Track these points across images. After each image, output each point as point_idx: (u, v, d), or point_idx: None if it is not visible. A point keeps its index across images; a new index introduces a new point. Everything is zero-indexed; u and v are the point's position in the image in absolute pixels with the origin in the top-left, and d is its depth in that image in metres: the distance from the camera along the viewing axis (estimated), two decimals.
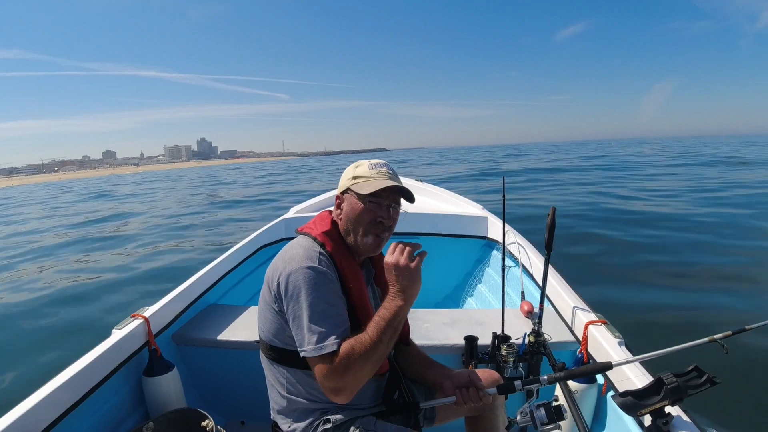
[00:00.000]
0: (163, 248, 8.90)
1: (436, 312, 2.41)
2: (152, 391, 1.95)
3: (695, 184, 14.65)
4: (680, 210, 9.99)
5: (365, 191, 1.31)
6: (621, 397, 1.29)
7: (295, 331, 1.23)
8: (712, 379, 1.22)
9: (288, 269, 1.23)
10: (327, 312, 1.21)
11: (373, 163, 1.39)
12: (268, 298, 1.30)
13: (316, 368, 1.21)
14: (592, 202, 11.65)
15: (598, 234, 7.82)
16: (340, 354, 1.17)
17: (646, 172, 20.66)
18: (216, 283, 2.69)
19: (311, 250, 1.28)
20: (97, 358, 1.76)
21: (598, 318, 1.92)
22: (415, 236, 3.57)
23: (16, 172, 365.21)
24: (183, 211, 15.36)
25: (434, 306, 3.42)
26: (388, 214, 1.35)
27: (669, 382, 1.23)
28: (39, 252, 9.53)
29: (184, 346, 2.24)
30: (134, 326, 1.97)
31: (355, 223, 1.34)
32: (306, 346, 1.19)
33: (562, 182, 17.76)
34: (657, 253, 6.53)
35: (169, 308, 2.23)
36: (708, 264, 5.90)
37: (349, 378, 1.17)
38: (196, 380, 2.30)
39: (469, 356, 1.92)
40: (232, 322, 2.30)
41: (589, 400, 1.80)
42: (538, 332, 1.90)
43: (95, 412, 1.74)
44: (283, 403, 1.35)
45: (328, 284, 1.24)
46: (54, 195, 32.47)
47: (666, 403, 1.23)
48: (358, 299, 1.31)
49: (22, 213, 19.84)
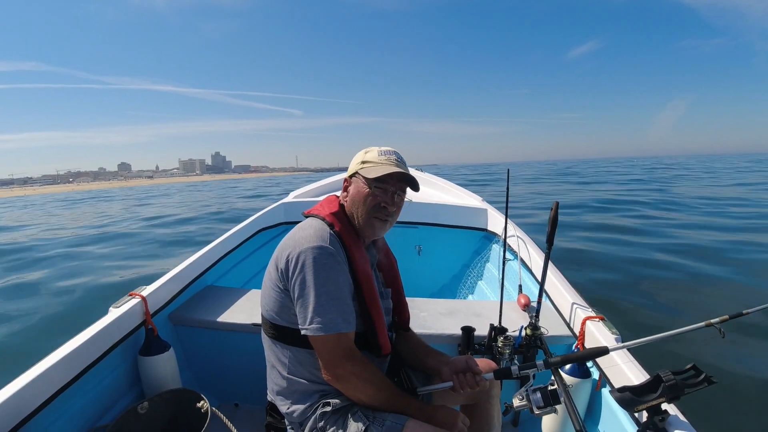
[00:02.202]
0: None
1: (434, 302, 2.41)
2: (148, 371, 1.95)
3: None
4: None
5: (371, 175, 1.34)
6: (619, 392, 1.30)
7: (299, 309, 1.24)
8: (710, 379, 1.23)
9: (298, 248, 1.24)
10: (333, 294, 1.23)
11: (382, 150, 1.40)
12: (274, 276, 1.31)
13: (318, 348, 1.25)
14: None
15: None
16: (352, 358, 1.24)
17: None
18: (214, 265, 2.68)
19: (321, 230, 1.29)
20: (93, 335, 1.75)
21: (596, 314, 1.93)
22: (415, 225, 3.58)
23: (30, 182, 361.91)
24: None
25: (431, 295, 3.43)
26: (393, 201, 1.36)
27: (667, 380, 1.23)
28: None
29: (180, 327, 2.24)
30: (131, 305, 1.96)
31: (360, 206, 1.36)
32: (309, 325, 1.21)
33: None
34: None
35: (167, 288, 2.22)
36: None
37: (348, 381, 1.25)
38: (191, 361, 2.30)
39: (466, 347, 1.93)
40: (229, 304, 2.30)
41: (584, 394, 1.81)
42: (535, 325, 1.90)
43: (91, 390, 1.74)
44: (282, 384, 1.36)
45: (336, 266, 1.25)
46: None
47: (663, 400, 1.24)
48: (364, 281, 1.33)
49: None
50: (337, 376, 1.25)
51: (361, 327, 1.33)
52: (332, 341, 1.22)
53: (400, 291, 1.60)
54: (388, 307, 1.50)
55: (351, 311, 1.27)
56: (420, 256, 3.71)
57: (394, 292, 1.56)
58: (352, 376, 1.25)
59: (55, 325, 4.63)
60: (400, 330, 1.61)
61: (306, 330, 1.22)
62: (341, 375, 1.25)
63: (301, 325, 1.24)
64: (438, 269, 3.74)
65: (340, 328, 1.22)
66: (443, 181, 4.70)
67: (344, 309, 1.25)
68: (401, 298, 1.60)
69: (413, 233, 3.65)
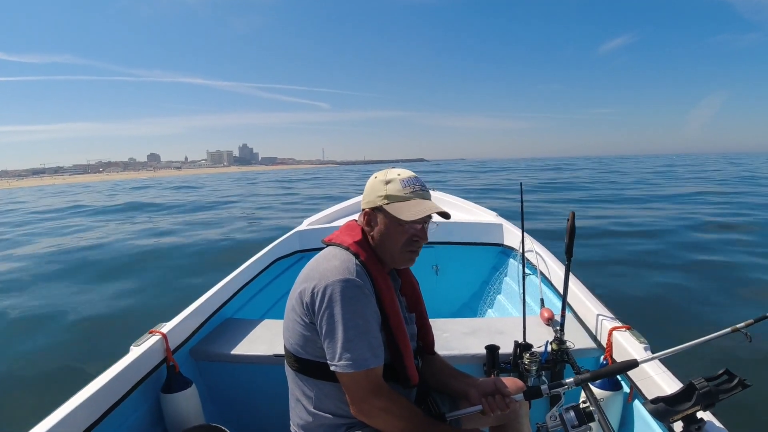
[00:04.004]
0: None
1: (455, 321, 2.38)
2: (171, 409, 1.93)
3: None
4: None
5: (405, 217, 1.27)
6: (652, 403, 1.26)
7: (326, 344, 1.22)
8: (743, 382, 1.19)
9: (324, 281, 1.21)
10: (363, 328, 1.20)
11: (403, 179, 1.32)
12: (298, 309, 1.27)
13: (346, 384, 1.22)
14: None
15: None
16: (380, 393, 1.22)
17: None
18: (232, 297, 2.69)
19: (347, 261, 1.26)
20: (115, 375, 1.75)
21: (623, 324, 1.89)
22: (431, 245, 3.56)
23: (61, 171, 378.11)
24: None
25: (451, 315, 3.40)
26: (424, 233, 1.34)
27: (701, 387, 1.20)
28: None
29: (202, 362, 2.23)
30: (152, 342, 1.96)
31: (392, 243, 1.32)
32: (339, 361, 1.19)
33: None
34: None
35: (187, 323, 2.23)
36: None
37: (377, 417, 1.24)
38: (214, 396, 2.29)
39: (491, 366, 1.89)
40: (249, 337, 2.30)
41: (615, 407, 1.76)
42: (560, 339, 1.87)
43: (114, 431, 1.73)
44: (308, 419, 1.32)
45: (364, 298, 1.22)
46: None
47: (698, 408, 1.20)
48: (391, 311, 1.30)
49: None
50: (366, 412, 1.23)
51: (388, 358, 1.30)
52: (361, 377, 1.20)
53: (423, 314, 1.56)
54: (412, 332, 1.47)
55: (379, 344, 1.25)
56: (438, 275, 3.68)
57: (417, 315, 1.53)
58: (381, 411, 1.23)
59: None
60: (424, 354, 1.58)
61: (335, 366, 1.20)
62: (370, 411, 1.23)
63: (329, 361, 1.21)
64: (457, 288, 3.71)
65: (370, 364, 1.20)
66: (455, 198, 4.70)
67: (373, 343, 1.22)
68: (425, 321, 1.57)
69: (429, 253, 3.63)
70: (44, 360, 4.30)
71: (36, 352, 4.51)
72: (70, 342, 4.75)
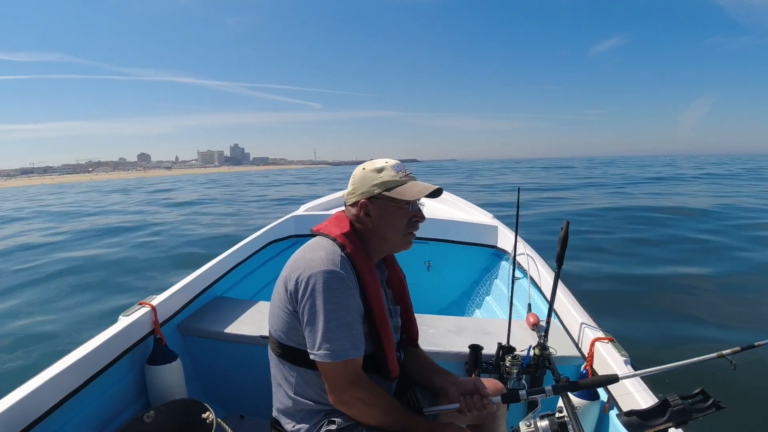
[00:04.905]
0: None
1: (442, 318, 2.41)
2: (155, 380, 1.96)
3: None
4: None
5: (410, 197, 1.30)
6: (626, 416, 1.28)
7: (308, 333, 1.23)
8: (718, 404, 1.21)
9: (308, 271, 1.23)
10: (344, 320, 1.22)
11: (393, 165, 1.36)
12: (283, 296, 1.29)
13: (325, 373, 1.24)
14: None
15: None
16: (359, 384, 1.24)
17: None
18: (224, 276, 2.71)
19: (333, 252, 1.27)
20: (102, 343, 1.77)
21: (606, 335, 1.91)
22: (425, 241, 3.58)
23: (50, 171, 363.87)
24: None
25: (439, 312, 3.42)
26: (421, 213, 1.38)
27: (675, 404, 1.21)
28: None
29: (188, 337, 2.26)
30: (141, 314, 1.98)
31: (394, 228, 1.34)
32: (318, 350, 1.20)
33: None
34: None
35: (176, 298, 2.25)
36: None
37: (354, 406, 1.26)
38: (198, 371, 2.31)
39: (473, 365, 1.92)
40: (237, 316, 2.32)
41: (591, 417, 1.79)
42: (543, 345, 1.89)
43: (97, 398, 1.76)
44: (288, 403, 1.34)
45: (347, 290, 1.24)
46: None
47: (670, 424, 1.22)
48: (375, 304, 1.31)
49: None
50: (344, 402, 1.25)
51: (369, 349, 1.32)
52: (340, 367, 1.21)
53: (408, 307, 1.58)
54: (396, 325, 1.49)
55: (360, 337, 1.26)
56: (429, 272, 3.70)
57: (402, 309, 1.54)
58: (358, 401, 1.25)
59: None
60: (408, 346, 1.60)
61: (314, 355, 1.21)
62: (348, 401, 1.25)
63: (309, 349, 1.23)
64: (447, 285, 3.73)
65: (349, 355, 1.21)
66: (452, 196, 4.71)
67: (354, 335, 1.24)
68: (410, 315, 1.59)
69: (422, 248, 3.65)
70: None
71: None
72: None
